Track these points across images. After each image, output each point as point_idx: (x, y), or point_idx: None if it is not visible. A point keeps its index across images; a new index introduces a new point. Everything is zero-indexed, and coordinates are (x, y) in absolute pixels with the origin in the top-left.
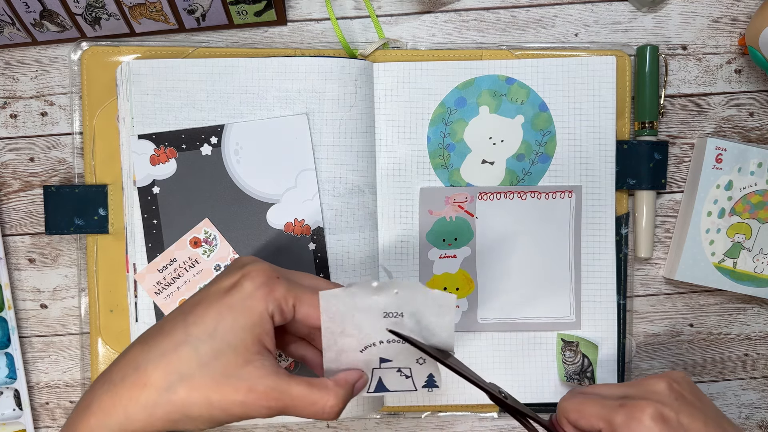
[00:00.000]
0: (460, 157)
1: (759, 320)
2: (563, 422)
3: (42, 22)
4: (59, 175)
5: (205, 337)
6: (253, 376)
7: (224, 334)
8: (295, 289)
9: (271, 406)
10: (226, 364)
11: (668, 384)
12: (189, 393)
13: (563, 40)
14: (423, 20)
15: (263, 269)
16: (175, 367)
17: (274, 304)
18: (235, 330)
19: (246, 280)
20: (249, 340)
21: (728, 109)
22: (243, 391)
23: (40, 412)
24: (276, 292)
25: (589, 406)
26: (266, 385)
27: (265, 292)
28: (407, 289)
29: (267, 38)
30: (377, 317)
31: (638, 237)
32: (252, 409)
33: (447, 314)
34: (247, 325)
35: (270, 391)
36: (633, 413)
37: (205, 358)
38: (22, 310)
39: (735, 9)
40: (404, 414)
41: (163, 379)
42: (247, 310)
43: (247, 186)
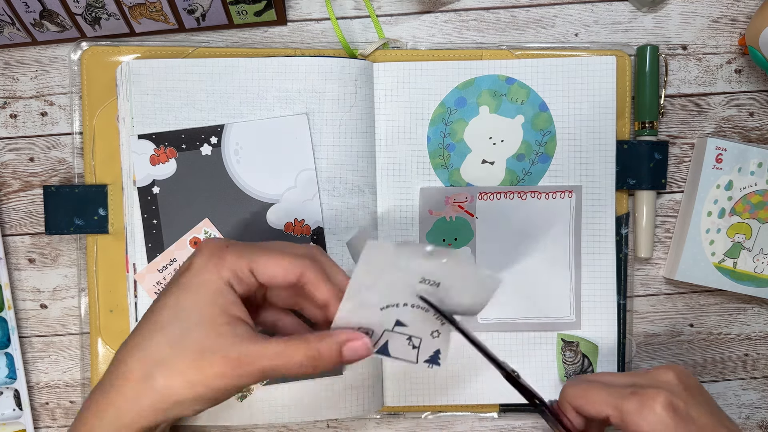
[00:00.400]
0: (460, 157)
1: (759, 320)
2: (566, 408)
3: (42, 22)
4: (59, 175)
5: (172, 320)
6: (224, 345)
7: (188, 313)
8: (248, 254)
9: (251, 372)
10: (197, 340)
11: (677, 375)
12: (167, 378)
13: (563, 40)
14: (423, 20)
15: (210, 243)
16: (150, 355)
17: (227, 272)
18: (198, 306)
19: (196, 258)
20: (214, 313)
21: (728, 109)
22: (218, 362)
23: (40, 412)
24: (226, 260)
25: (596, 392)
26: (239, 351)
27: (214, 263)
28: (456, 261)
29: (267, 38)
30: (414, 280)
31: (638, 237)
32: (233, 378)
33: (487, 297)
34: (207, 299)
35: (244, 356)
36: (644, 401)
37: (175, 340)
38: (22, 310)
39: (735, 9)
40: (404, 414)
41: (141, 370)
42: (202, 285)
43: (247, 186)
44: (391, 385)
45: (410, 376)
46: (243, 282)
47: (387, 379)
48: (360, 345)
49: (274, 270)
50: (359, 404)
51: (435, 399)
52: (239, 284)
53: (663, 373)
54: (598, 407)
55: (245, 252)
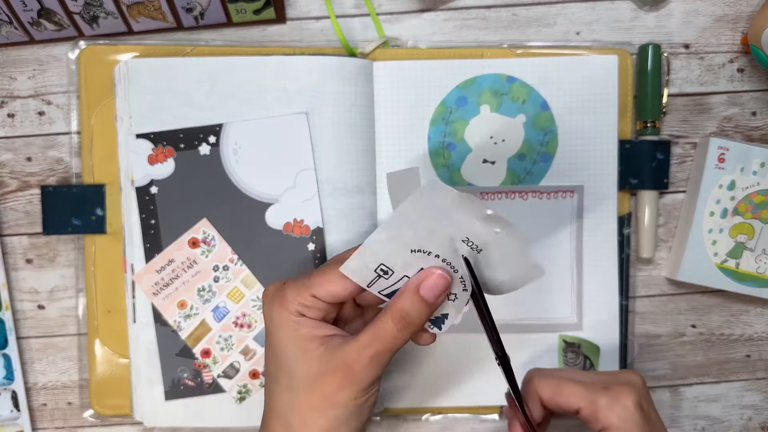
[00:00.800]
0: (461, 156)
1: (762, 321)
2: (533, 399)
3: (40, 20)
4: (57, 174)
5: (276, 370)
6: (326, 363)
7: (283, 356)
8: (303, 282)
9: (363, 367)
10: (304, 374)
11: (642, 380)
12: (299, 417)
13: (565, 39)
14: (423, 18)
15: (268, 289)
16: (279, 408)
17: (293, 306)
18: (285, 347)
19: (264, 308)
20: (303, 344)
21: (731, 108)
22: (329, 379)
23: (37, 413)
24: (287, 296)
25: (569, 386)
26: (341, 358)
27: (279, 303)
28: (510, 236)
29: (266, 37)
30: (458, 236)
31: (640, 237)
32: (352, 383)
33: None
34: (289, 337)
35: (346, 359)
36: (618, 397)
37: (288, 383)
38: (20, 310)
39: (737, 8)
40: (405, 416)
41: (279, 424)
42: (278, 327)
43: (246, 186)
44: (391, 387)
45: (410, 376)
46: (312, 308)
47: (387, 381)
48: (434, 279)
49: (332, 287)
50: None
51: (435, 401)
52: (310, 311)
53: (631, 376)
54: (572, 400)
55: (302, 282)
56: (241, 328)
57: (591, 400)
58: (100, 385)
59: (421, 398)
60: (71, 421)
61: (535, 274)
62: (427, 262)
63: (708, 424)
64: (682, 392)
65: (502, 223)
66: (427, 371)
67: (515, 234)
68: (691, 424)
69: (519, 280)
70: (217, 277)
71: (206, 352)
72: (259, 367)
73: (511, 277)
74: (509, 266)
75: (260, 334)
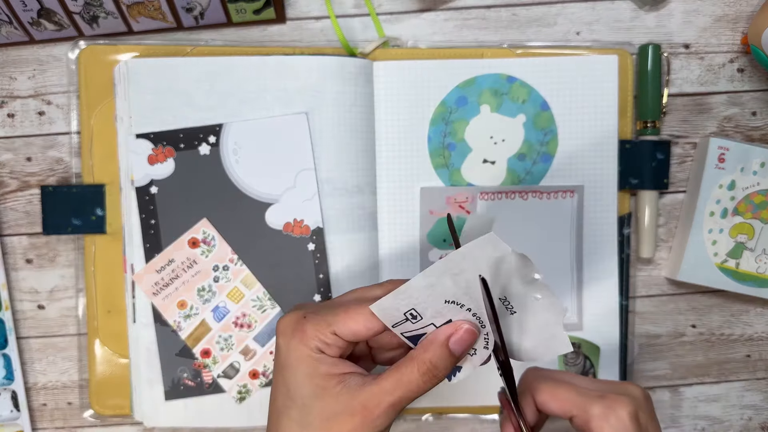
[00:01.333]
0: (461, 156)
1: (762, 321)
2: (527, 398)
3: (39, 20)
4: (57, 174)
5: (289, 403)
6: (345, 403)
7: (298, 391)
8: (324, 318)
9: (381, 413)
10: (319, 412)
11: (643, 393)
12: None
13: (565, 39)
14: (423, 18)
15: (288, 320)
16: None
17: (313, 342)
18: (302, 383)
19: (279, 339)
20: (320, 382)
21: (731, 108)
22: (346, 421)
23: (37, 413)
24: (307, 332)
25: (564, 391)
26: (360, 401)
27: (299, 338)
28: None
29: (266, 37)
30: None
31: (640, 237)
32: (368, 427)
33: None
34: (307, 373)
35: (367, 402)
36: (612, 406)
37: (300, 419)
38: (20, 310)
39: (737, 8)
40: (405, 416)
41: None
42: (296, 362)
43: (246, 186)
44: None
45: None
46: (332, 346)
47: None
48: (462, 333)
49: (355, 326)
50: None
51: (436, 401)
52: (330, 349)
53: (631, 388)
54: (566, 406)
55: (323, 318)
56: (241, 328)
57: (585, 407)
58: (100, 385)
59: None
60: (71, 421)
61: (562, 348)
62: (457, 315)
63: (708, 424)
64: (682, 392)
65: (545, 292)
66: None
67: (555, 305)
68: (691, 424)
69: (544, 350)
70: (217, 277)
71: (206, 352)
72: (259, 368)
73: (536, 345)
74: (539, 335)
75: (260, 334)
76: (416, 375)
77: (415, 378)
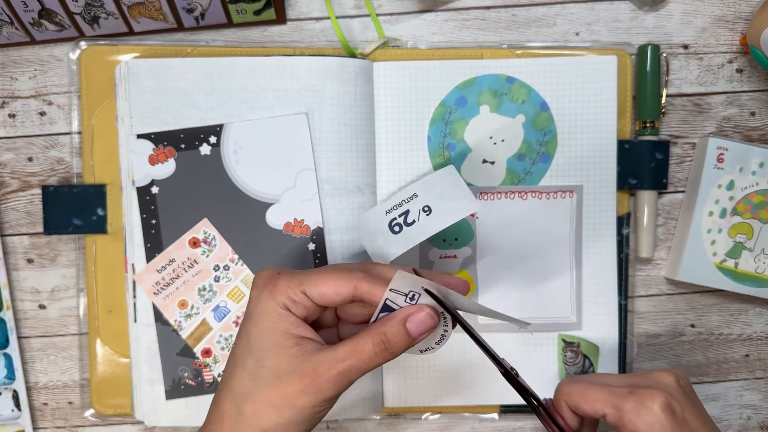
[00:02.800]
0: (461, 156)
1: (760, 321)
2: (562, 406)
3: (40, 21)
4: (58, 174)
5: (246, 353)
6: (297, 364)
7: (256, 343)
8: (298, 276)
9: (327, 379)
10: (271, 367)
11: (676, 378)
12: (254, 407)
13: (564, 39)
14: (423, 19)
15: (264, 273)
16: (236, 390)
17: (282, 297)
18: (262, 335)
19: (252, 290)
20: (279, 338)
21: (730, 108)
22: (296, 380)
23: (38, 412)
24: (279, 286)
25: (594, 390)
26: (312, 364)
27: (269, 290)
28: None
29: (266, 37)
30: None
31: (639, 237)
32: (315, 392)
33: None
34: (269, 326)
35: (317, 366)
36: (643, 400)
37: (253, 371)
38: (21, 310)
39: (736, 8)
40: (404, 415)
41: (232, 406)
42: (262, 313)
43: (247, 186)
44: (391, 386)
45: (410, 375)
46: (299, 304)
47: (387, 380)
48: (423, 316)
49: (325, 289)
50: (359, 405)
51: (435, 400)
52: (296, 307)
53: (663, 375)
54: (597, 405)
55: (296, 276)
56: None
57: (616, 404)
58: (101, 385)
59: (420, 397)
60: (72, 420)
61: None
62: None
63: None
64: None
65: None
66: (426, 370)
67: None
68: None
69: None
70: (218, 276)
71: (207, 352)
72: None
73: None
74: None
75: None
76: (370, 345)
77: (368, 348)
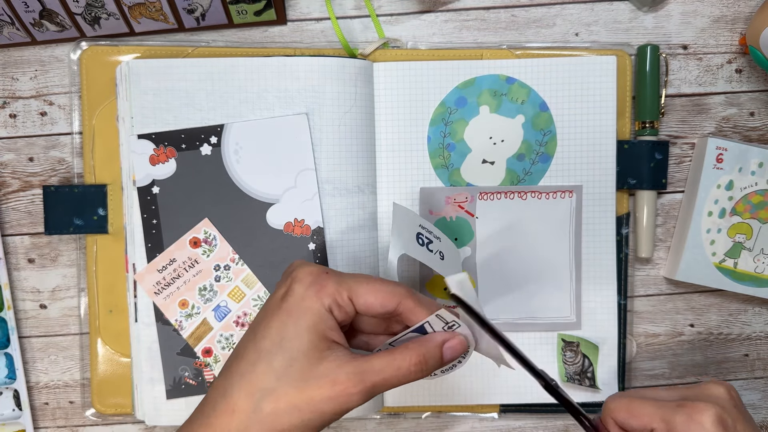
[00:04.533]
0: (461, 156)
1: (760, 320)
2: (609, 422)
3: (41, 21)
4: (59, 175)
5: (276, 349)
6: (330, 369)
7: (291, 341)
8: (346, 281)
9: (360, 390)
10: (301, 368)
11: (727, 390)
12: (275, 406)
13: (564, 40)
14: (423, 20)
15: (310, 269)
16: (256, 385)
17: (328, 299)
18: (299, 334)
19: (296, 284)
20: (315, 339)
21: (729, 108)
22: (326, 386)
23: (39, 412)
24: (327, 288)
25: (642, 405)
26: (347, 372)
27: (316, 290)
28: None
29: (267, 38)
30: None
31: (639, 237)
32: (342, 400)
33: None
34: (309, 325)
35: (352, 376)
36: (693, 414)
37: (280, 369)
38: (22, 310)
39: (735, 9)
40: (404, 414)
41: (248, 401)
42: (304, 311)
43: (247, 186)
44: None
45: None
46: (342, 309)
47: None
48: (457, 343)
49: (372, 299)
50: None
51: (435, 399)
52: (338, 311)
53: (713, 388)
54: (645, 420)
55: (344, 280)
56: (243, 327)
57: (665, 419)
58: (102, 384)
59: (420, 397)
60: (73, 420)
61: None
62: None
63: None
64: None
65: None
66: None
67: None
68: None
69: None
70: (218, 276)
71: (207, 351)
72: None
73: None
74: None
75: None
76: (407, 363)
77: (406, 365)
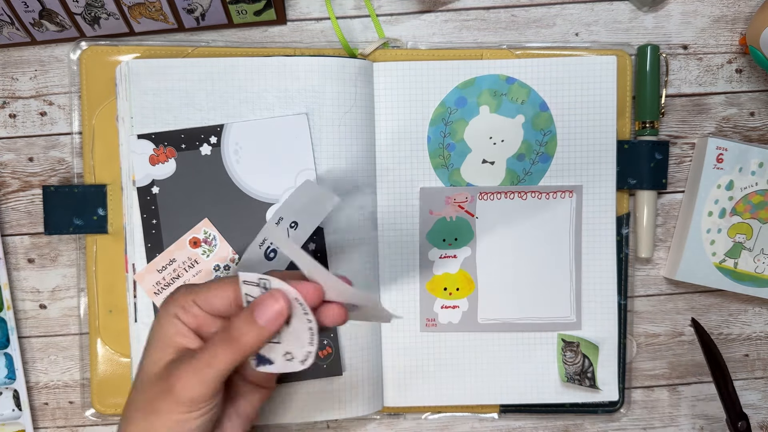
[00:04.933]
0: (461, 156)
1: (760, 320)
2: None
3: (41, 21)
4: (58, 175)
5: (138, 362)
6: (166, 369)
7: (145, 349)
8: (192, 287)
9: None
10: (144, 374)
11: None
12: (128, 413)
13: (564, 40)
14: (423, 19)
15: (172, 292)
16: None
17: (173, 307)
18: (149, 342)
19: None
20: (161, 345)
21: (729, 108)
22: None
23: (39, 412)
24: (174, 296)
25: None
26: (172, 370)
27: (167, 302)
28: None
29: (267, 38)
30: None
31: (639, 237)
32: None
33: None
34: (156, 332)
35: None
36: None
37: (137, 374)
38: (22, 310)
39: (736, 8)
40: (404, 415)
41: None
42: (156, 321)
43: (247, 186)
44: (391, 385)
45: (410, 377)
46: (189, 313)
47: (387, 379)
48: (269, 302)
49: (213, 295)
50: (359, 405)
51: (435, 399)
52: (186, 316)
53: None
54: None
55: (191, 288)
56: None
57: None
58: (102, 385)
59: (420, 397)
60: (73, 420)
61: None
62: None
63: (706, 423)
64: (681, 391)
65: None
66: (426, 370)
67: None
68: (690, 423)
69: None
70: (218, 276)
71: None
72: None
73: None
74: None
75: None
76: (219, 342)
77: (220, 345)
